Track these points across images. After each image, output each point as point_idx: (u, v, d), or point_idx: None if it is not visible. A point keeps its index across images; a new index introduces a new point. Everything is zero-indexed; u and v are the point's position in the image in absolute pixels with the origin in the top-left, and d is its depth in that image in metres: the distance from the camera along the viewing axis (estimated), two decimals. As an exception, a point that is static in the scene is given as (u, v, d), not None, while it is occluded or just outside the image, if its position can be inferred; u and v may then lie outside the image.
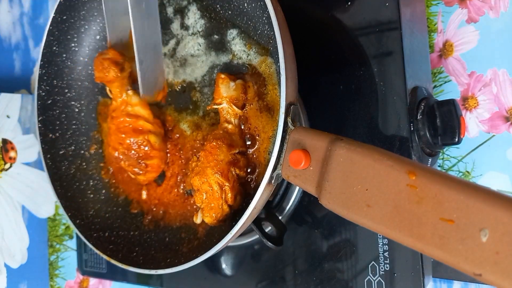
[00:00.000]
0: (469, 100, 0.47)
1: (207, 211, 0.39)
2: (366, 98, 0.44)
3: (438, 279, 0.48)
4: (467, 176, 0.47)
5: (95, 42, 0.54)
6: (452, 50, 0.48)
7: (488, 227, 0.23)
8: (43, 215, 0.76)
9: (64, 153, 0.53)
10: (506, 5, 0.46)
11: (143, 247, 0.47)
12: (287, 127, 0.35)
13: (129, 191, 0.52)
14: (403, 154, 0.41)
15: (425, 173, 0.26)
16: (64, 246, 0.77)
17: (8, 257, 0.69)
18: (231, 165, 0.39)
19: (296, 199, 0.48)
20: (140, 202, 0.51)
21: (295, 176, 0.34)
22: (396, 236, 0.27)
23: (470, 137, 0.47)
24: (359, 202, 0.29)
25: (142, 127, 0.47)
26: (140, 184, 0.51)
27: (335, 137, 0.32)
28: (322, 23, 0.47)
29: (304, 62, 0.41)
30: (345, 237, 0.45)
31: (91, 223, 0.51)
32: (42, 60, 0.52)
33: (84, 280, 0.74)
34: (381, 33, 0.43)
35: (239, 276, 0.52)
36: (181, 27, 0.48)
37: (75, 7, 0.52)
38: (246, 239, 0.50)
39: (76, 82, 0.55)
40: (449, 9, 0.48)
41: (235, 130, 0.41)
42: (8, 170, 0.70)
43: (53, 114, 0.53)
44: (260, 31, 0.42)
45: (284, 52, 0.35)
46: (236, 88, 0.41)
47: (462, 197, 0.24)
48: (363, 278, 0.43)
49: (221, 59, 0.45)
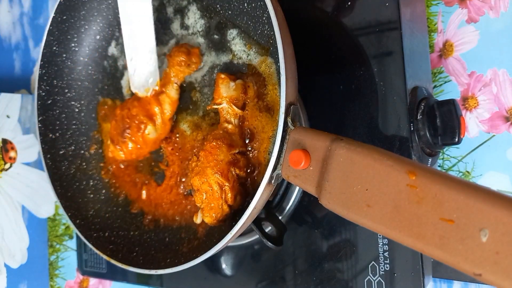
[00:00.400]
0: (469, 100, 0.47)
1: (207, 211, 0.39)
2: (366, 98, 0.44)
3: (438, 279, 0.48)
4: (467, 176, 0.47)
5: (95, 42, 0.54)
6: (452, 50, 0.48)
7: (488, 227, 0.23)
8: (43, 215, 0.76)
9: (64, 153, 0.53)
10: (506, 5, 0.46)
11: (143, 247, 0.47)
12: (287, 127, 0.35)
13: (129, 191, 0.52)
14: (403, 154, 0.41)
15: (425, 173, 0.26)
16: (64, 246, 0.77)
17: (8, 257, 0.69)
18: (231, 165, 0.39)
19: (296, 199, 0.48)
20: (140, 202, 0.51)
21: (295, 176, 0.34)
22: (396, 236, 0.27)
23: (470, 137, 0.47)
24: (359, 202, 0.29)
25: (153, 115, 0.48)
26: (131, 178, 0.51)
27: (335, 137, 0.32)
28: (322, 23, 0.47)
29: (304, 62, 0.41)
30: (345, 237, 0.45)
31: (91, 223, 0.51)
32: (42, 60, 0.52)
33: (84, 280, 0.74)
34: (381, 33, 0.43)
35: (239, 276, 0.52)
36: (181, 27, 0.48)
37: (75, 7, 0.52)
38: (246, 239, 0.50)
39: (76, 82, 0.55)
40: (449, 9, 0.48)
41: (235, 130, 0.41)
42: (8, 170, 0.70)
43: (53, 114, 0.53)
44: (260, 31, 0.42)
45: (284, 52, 0.35)
46: (236, 88, 0.41)
47: (462, 197, 0.24)
48: (363, 278, 0.43)
49: (221, 59, 0.45)
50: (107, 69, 0.54)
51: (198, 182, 0.40)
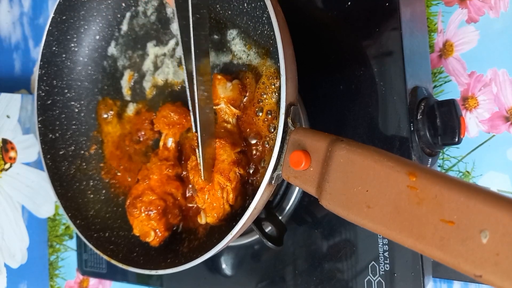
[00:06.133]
0: (469, 100, 0.47)
1: (209, 211, 0.40)
2: (366, 98, 0.44)
3: (438, 279, 0.48)
4: (467, 176, 0.47)
5: (95, 42, 0.54)
6: (452, 50, 0.48)
7: (489, 228, 0.23)
8: (43, 215, 0.76)
9: (64, 153, 0.53)
10: (506, 5, 0.45)
11: (144, 247, 0.47)
12: (287, 128, 0.35)
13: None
14: (403, 154, 0.41)
15: (426, 174, 0.26)
16: (64, 246, 0.77)
17: (8, 257, 0.69)
18: (235, 165, 0.39)
19: (296, 199, 0.48)
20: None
21: (295, 177, 0.34)
22: (396, 237, 0.27)
23: (470, 137, 0.47)
24: (359, 203, 0.29)
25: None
26: (132, 179, 0.51)
27: (335, 138, 0.32)
28: (322, 23, 0.47)
29: (304, 62, 0.41)
30: (345, 237, 0.45)
31: (91, 223, 0.51)
32: (41, 60, 0.52)
33: (84, 280, 0.74)
34: (381, 33, 0.43)
35: (239, 276, 0.52)
36: (181, 27, 0.48)
37: (74, 7, 0.52)
38: (246, 239, 0.50)
39: (75, 82, 0.55)
40: (449, 9, 0.48)
41: (234, 130, 0.41)
42: (8, 170, 0.70)
43: (53, 114, 0.53)
44: (260, 31, 0.42)
45: (284, 52, 0.35)
46: (233, 88, 0.41)
47: (463, 198, 0.24)
48: (363, 278, 0.43)
49: (221, 59, 0.45)
50: (106, 69, 0.54)
51: (200, 182, 0.40)
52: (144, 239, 0.45)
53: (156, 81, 0.50)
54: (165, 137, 0.47)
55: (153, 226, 0.44)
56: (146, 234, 0.45)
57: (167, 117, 0.46)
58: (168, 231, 0.46)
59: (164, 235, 0.45)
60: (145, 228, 0.45)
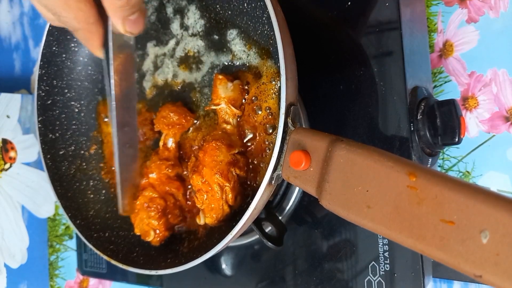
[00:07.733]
0: (469, 100, 0.47)
1: (208, 212, 0.39)
2: (366, 98, 0.44)
3: (438, 279, 0.48)
4: (467, 176, 0.47)
5: (95, 42, 0.54)
6: (452, 50, 0.48)
7: (489, 228, 0.23)
8: (43, 215, 0.76)
9: (64, 153, 0.53)
10: (506, 5, 0.45)
11: (144, 247, 0.47)
12: (287, 128, 0.35)
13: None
14: (403, 154, 0.41)
15: (426, 175, 0.26)
16: (64, 246, 0.77)
17: (8, 257, 0.69)
18: (231, 166, 0.39)
19: (296, 199, 0.48)
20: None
21: (295, 177, 0.34)
22: (397, 237, 0.27)
23: (470, 137, 0.47)
24: (359, 203, 0.29)
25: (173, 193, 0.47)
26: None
27: (335, 138, 0.32)
28: (322, 23, 0.47)
29: (304, 62, 0.41)
30: (345, 237, 0.45)
31: (91, 223, 0.51)
32: (41, 60, 0.52)
33: (84, 280, 0.74)
34: (381, 33, 0.43)
35: (239, 276, 0.52)
36: (180, 27, 0.48)
37: (74, 7, 0.52)
38: (246, 239, 0.50)
39: (75, 82, 0.55)
40: (449, 9, 0.48)
41: (234, 130, 0.41)
42: (8, 170, 0.70)
43: (53, 114, 0.53)
44: (260, 31, 0.41)
45: (284, 52, 0.35)
46: (234, 88, 0.41)
47: (463, 198, 0.24)
48: (363, 278, 0.43)
49: (221, 59, 0.45)
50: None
51: (198, 182, 0.40)
52: (144, 238, 0.45)
53: (156, 81, 0.50)
54: (165, 137, 0.47)
55: (153, 226, 0.44)
56: (146, 234, 0.45)
57: (167, 118, 0.46)
58: (169, 231, 0.46)
59: (165, 234, 0.45)
60: (146, 227, 0.45)
